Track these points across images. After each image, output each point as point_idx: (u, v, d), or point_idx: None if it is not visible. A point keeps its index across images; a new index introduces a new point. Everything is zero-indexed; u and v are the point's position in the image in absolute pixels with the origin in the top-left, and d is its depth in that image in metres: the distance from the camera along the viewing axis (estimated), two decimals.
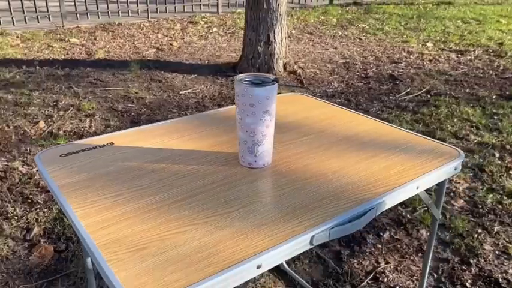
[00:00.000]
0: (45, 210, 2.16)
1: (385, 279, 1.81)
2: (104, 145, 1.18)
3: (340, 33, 6.23)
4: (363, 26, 6.67)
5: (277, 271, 1.85)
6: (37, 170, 2.50)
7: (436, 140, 1.23)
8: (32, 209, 2.16)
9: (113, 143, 1.19)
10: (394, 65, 4.78)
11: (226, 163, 1.09)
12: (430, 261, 1.35)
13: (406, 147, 1.19)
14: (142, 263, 0.75)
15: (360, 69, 4.62)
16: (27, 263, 1.84)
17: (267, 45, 4.14)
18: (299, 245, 0.83)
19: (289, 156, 1.13)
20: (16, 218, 2.10)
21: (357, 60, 4.91)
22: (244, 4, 4.16)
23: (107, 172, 1.03)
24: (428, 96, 3.83)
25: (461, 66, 4.73)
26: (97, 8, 6.59)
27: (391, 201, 0.98)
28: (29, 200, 2.23)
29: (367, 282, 1.80)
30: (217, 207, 0.91)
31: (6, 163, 2.55)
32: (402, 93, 3.89)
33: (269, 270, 1.85)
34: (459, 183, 2.49)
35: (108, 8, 6.70)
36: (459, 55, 5.16)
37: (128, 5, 6.88)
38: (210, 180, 1.01)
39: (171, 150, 1.15)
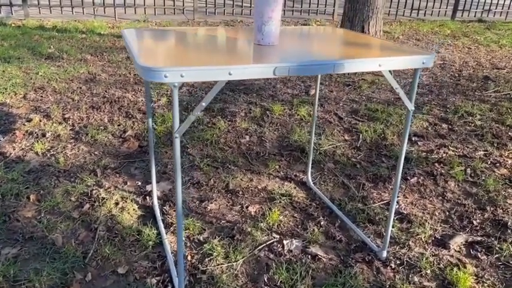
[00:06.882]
0: (140, 123, 2.76)
1: (397, 207, 2.01)
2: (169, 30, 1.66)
3: (450, 42, 6.16)
4: (478, 38, 6.48)
5: (303, 186, 2.16)
6: (141, 100, 3.15)
7: (418, 48, 1.47)
8: (130, 121, 2.78)
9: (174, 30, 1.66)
10: (495, 70, 4.66)
11: (246, 41, 1.48)
12: (404, 149, 1.55)
13: (391, 48, 1.45)
14: (155, 56, 1.18)
15: (455, 70, 4.61)
16: (118, 150, 2.43)
17: None
18: (265, 69, 1.18)
19: (292, 45, 1.48)
20: (118, 124, 2.73)
21: (455, 63, 4.89)
22: None
23: (163, 38, 1.50)
24: None
25: None
26: (224, 6, 7.46)
27: (350, 66, 1.27)
28: (130, 116, 2.87)
29: (379, 206, 2.02)
30: (224, 52, 1.31)
31: (121, 93, 3.26)
32: (490, 91, 3.84)
33: (295, 184, 2.17)
34: (511, 158, 2.52)
35: (233, 7, 7.52)
36: None
37: (251, 6, 7.63)
38: (228, 44, 1.41)
39: (216, 33, 1.59)
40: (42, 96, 3.12)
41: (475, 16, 8.61)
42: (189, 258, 1.63)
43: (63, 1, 6.50)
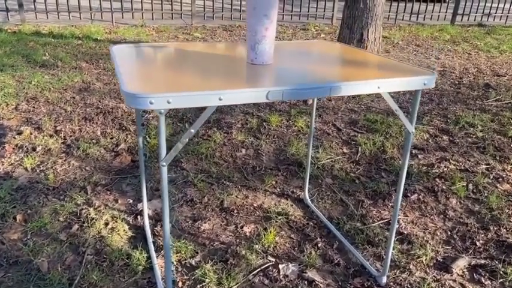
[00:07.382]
0: (133, 135, 2.70)
1: (397, 226, 1.94)
2: (158, 47, 1.59)
3: (450, 47, 6.10)
4: (478, 43, 6.42)
5: (301, 204, 2.09)
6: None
7: (420, 67, 1.40)
8: (124, 133, 2.71)
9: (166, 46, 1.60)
10: (496, 77, 4.60)
11: (240, 60, 1.42)
12: (405, 170, 1.48)
13: (390, 67, 1.39)
14: (142, 80, 1.11)
15: (455, 77, 4.55)
16: (110, 165, 2.36)
17: (359, 42, 4.35)
18: (258, 94, 1.11)
19: (287, 64, 1.41)
20: (111, 137, 2.67)
21: (455, 70, 4.82)
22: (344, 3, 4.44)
23: (152, 56, 1.44)
24: None
25: None
26: (222, 11, 7.40)
27: (347, 89, 1.21)
28: (123, 128, 2.80)
29: (378, 224, 1.95)
30: (215, 73, 1.24)
31: (115, 104, 3.19)
32: (491, 100, 3.78)
33: (292, 201, 2.10)
34: None
35: (231, 11, 7.46)
36: None
37: None
38: (220, 63, 1.35)
39: (207, 52, 1.52)
40: (34, 107, 3.05)
41: (474, 20, 8.55)
42: (179, 284, 1.56)
43: (60, 6, 6.44)
